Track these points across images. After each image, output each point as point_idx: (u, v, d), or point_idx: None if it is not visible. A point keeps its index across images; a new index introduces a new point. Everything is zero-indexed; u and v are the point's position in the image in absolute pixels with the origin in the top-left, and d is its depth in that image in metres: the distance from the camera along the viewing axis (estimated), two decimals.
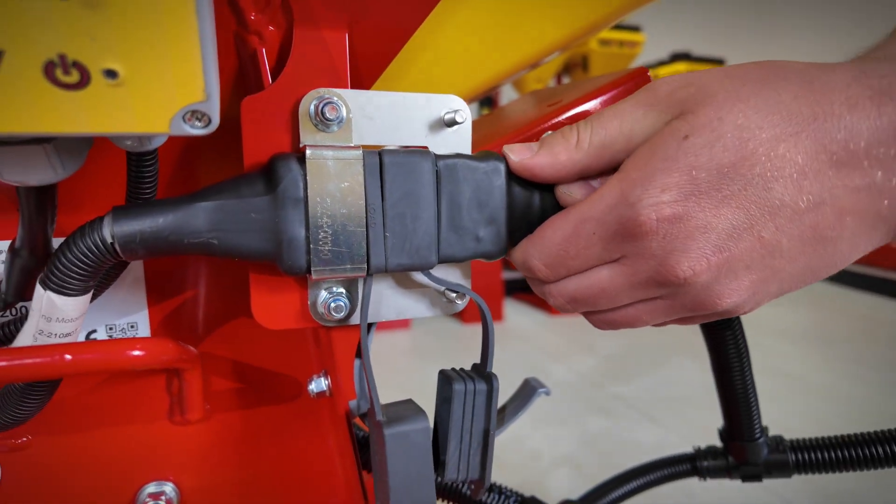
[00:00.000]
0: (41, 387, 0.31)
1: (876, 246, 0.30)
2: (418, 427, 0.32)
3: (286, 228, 0.30)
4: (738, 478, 0.51)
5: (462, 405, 0.33)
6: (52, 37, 0.19)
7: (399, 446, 0.32)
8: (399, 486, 0.32)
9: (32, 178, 0.27)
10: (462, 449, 0.33)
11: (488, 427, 0.34)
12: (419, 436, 0.32)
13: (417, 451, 0.32)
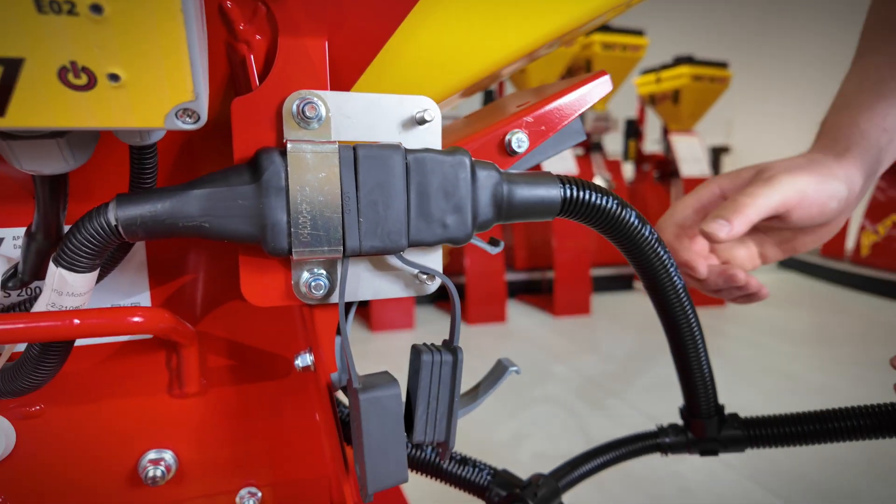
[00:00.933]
0: (54, 354, 0.35)
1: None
2: (390, 393, 0.36)
3: (270, 214, 0.33)
4: (697, 452, 0.55)
5: (430, 374, 0.37)
6: (66, 47, 0.23)
7: (372, 410, 0.35)
8: (373, 446, 0.35)
9: (47, 168, 0.31)
10: (429, 413, 0.37)
11: (453, 395, 0.37)
12: (391, 401, 0.36)
13: (389, 415, 0.35)
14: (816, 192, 0.48)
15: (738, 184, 0.52)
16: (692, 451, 0.56)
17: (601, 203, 0.41)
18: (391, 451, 0.36)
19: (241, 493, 0.48)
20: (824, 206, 0.48)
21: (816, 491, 1.68)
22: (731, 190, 0.52)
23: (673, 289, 0.47)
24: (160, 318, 0.33)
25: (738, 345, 2.88)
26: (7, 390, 0.37)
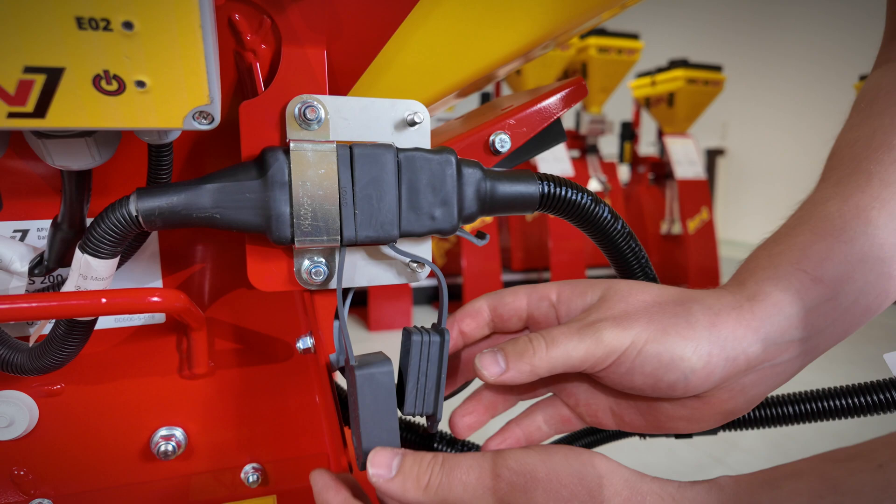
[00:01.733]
0: (77, 333, 0.39)
1: None
2: (383, 370, 0.39)
3: (274, 206, 0.37)
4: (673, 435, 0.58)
5: (419, 352, 0.40)
6: (100, 58, 0.27)
7: (367, 385, 0.39)
8: (367, 417, 0.39)
9: (75, 164, 0.35)
10: (419, 388, 0.41)
11: (440, 371, 0.41)
12: (384, 376, 0.39)
13: (382, 389, 0.39)
14: (647, 356, 0.35)
15: (574, 301, 0.41)
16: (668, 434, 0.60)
17: (576, 199, 0.45)
18: (384, 422, 0.39)
19: (246, 469, 0.51)
20: (660, 376, 0.35)
21: None
22: (563, 304, 0.41)
23: (645, 279, 0.50)
24: (176, 298, 0.37)
25: None
26: (33, 367, 0.40)
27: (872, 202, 0.39)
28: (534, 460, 0.32)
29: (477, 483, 0.32)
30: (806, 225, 0.40)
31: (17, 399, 0.44)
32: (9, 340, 0.40)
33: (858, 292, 0.38)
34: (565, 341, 0.36)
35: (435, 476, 0.33)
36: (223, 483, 0.51)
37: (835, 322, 0.38)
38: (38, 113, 0.28)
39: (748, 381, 0.36)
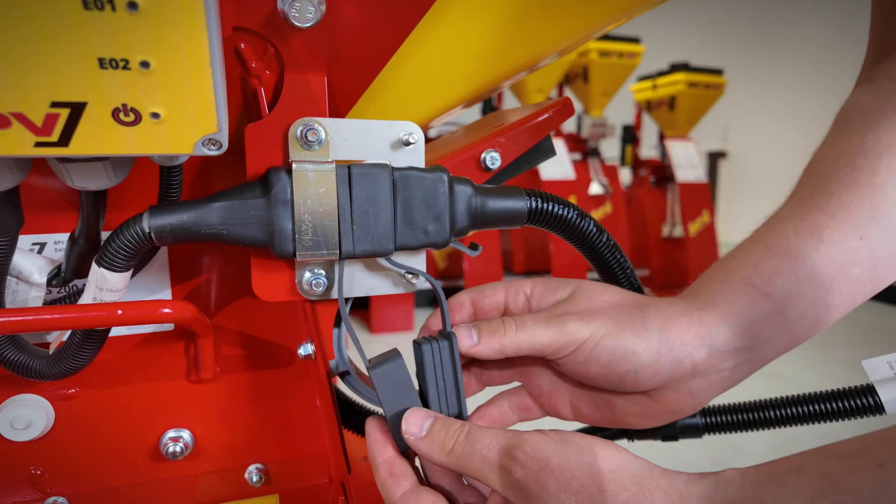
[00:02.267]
0: (93, 341, 0.41)
1: None
2: (395, 364, 0.41)
3: (277, 223, 0.40)
4: (659, 438, 0.61)
5: (432, 359, 0.42)
6: (119, 93, 0.30)
7: (383, 381, 0.41)
8: (392, 412, 0.41)
9: (93, 184, 0.37)
10: (440, 393, 0.42)
11: (456, 371, 0.42)
12: (397, 370, 0.41)
13: (399, 382, 0.41)
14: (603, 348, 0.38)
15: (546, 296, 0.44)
16: (655, 438, 0.62)
17: (562, 213, 0.47)
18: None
19: (250, 469, 0.54)
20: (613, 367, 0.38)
21: None
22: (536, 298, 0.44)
23: (630, 288, 0.53)
24: (185, 309, 0.39)
25: None
26: (51, 373, 0.43)
27: (828, 221, 0.42)
28: (549, 449, 0.34)
29: (495, 461, 0.35)
30: (762, 241, 0.43)
31: (35, 402, 0.47)
32: (28, 347, 0.43)
33: (806, 307, 0.41)
34: (533, 327, 0.40)
35: (459, 444, 0.36)
36: (228, 483, 0.54)
37: (781, 334, 0.40)
38: (62, 142, 0.30)
39: (695, 385, 0.39)
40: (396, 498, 0.37)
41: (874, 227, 0.42)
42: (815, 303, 0.41)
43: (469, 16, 0.44)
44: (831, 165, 0.44)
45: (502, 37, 0.46)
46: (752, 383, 0.88)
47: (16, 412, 0.46)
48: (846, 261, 0.41)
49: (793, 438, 1.97)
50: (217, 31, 0.30)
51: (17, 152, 0.30)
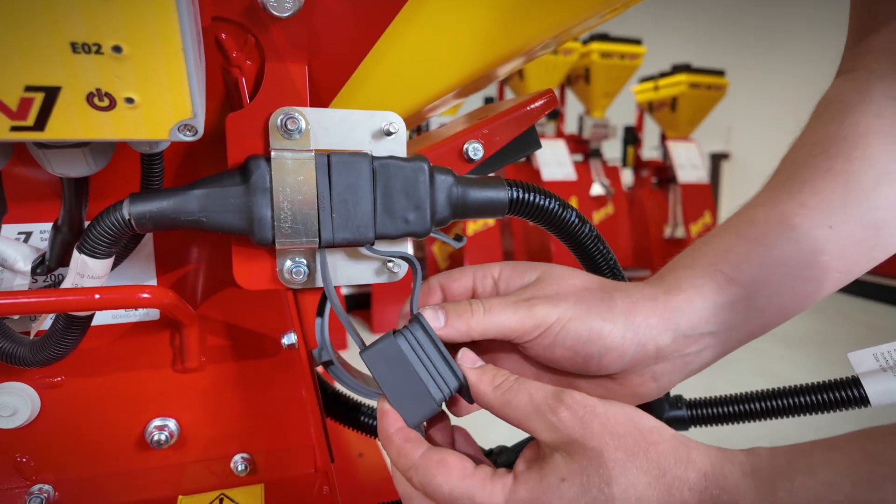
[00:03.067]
0: (75, 328, 0.42)
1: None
2: (386, 343, 0.41)
3: (256, 210, 0.40)
4: None
5: (411, 347, 0.42)
6: (93, 77, 0.30)
7: (376, 361, 0.40)
8: (391, 390, 0.40)
9: (73, 171, 0.38)
10: (432, 374, 0.41)
11: (439, 348, 0.41)
12: (389, 347, 0.40)
13: (393, 360, 0.40)
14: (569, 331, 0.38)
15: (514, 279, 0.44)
16: None
17: (544, 203, 0.47)
18: (409, 389, 0.41)
19: (235, 459, 0.54)
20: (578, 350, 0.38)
21: None
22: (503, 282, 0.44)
23: (613, 278, 0.53)
24: (164, 295, 0.40)
25: None
26: (35, 360, 0.43)
27: (798, 209, 0.42)
28: (595, 399, 0.36)
29: (542, 400, 0.36)
30: (732, 227, 0.43)
31: (20, 390, 0.47)
32: (12, 335, 0.44)
33: (774, 293, 0.41)
34: (501, 310, 0.39)
35: (508, 381, 0.38)
36: (214, 472, 0.54)
37: (747, 320, 0.40)
38: (38, 126, 0.31)
39: (659, 369, 0.39)
40: (416, 459, 0.36)
41: (843, 217, 0.42)
42: (783, 290, 0.41)
43: (449, 6, 0.45)
44: (806, 154, 0.45)
45: (482, 27, 0.46)
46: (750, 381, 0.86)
47: (1, 400, 0.46)
48: (814, 249, 0.41)
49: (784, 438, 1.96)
50: (189, 17, 0.31)
51: None
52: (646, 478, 0.32)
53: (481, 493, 0.33)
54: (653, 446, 0.33)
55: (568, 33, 0.53)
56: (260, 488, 0.54)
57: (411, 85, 0.47)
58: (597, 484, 0.32)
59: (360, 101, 0.48)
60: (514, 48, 0.49)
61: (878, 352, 0.49)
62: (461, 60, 0.48)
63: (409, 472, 0.36)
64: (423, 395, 0.40)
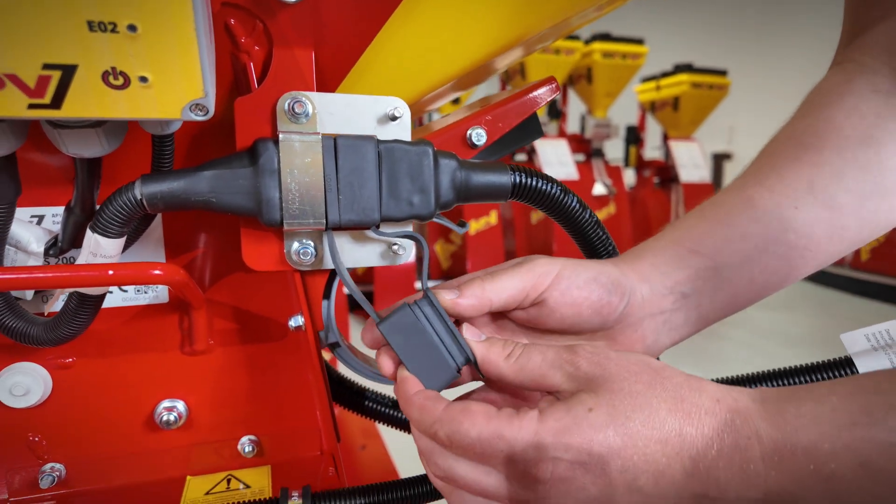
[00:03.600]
0: (87, 306, 0.43)
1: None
2: (401, 313, 0.41)
3: (265, 191, 0.41)
4: None
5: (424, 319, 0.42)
6: (108, 56, 0.31)
7: (392, 331, 0.41)
8: (410, 359, 0.41)
9: (86, 151, 0.39)
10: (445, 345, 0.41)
11: (446, 322, 0.42)
12: (404, 317, 0.41)
13: (408, 329, 0.41)
14: (572, 275, 0.41)
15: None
16: None
17: (546, 188, 0.48)
18: (427, 358, 0.41)
19: (242, 441, 0.55)
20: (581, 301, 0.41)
21: None
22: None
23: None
24: (175, 272, 0.40)
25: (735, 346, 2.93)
26: (48, 339, 0.44)
27: (764, 192, 0.45)
28: (606, 350, 0.37)
29: (555, 356, 0.37)
30: (699, 211, 0.47)
31: (33, 370, 0.48)
32: (26, 315, 0.45)
33: (739, 264, 0.44)
34: (505, 275, 0.42)
35: (517, 349, 0.39)
36: (221, 453, 0.55)
37: (717, 288, 0.44)
38: (55, 104, 0.32)
39: (647, 327, 0.43)
40: (439, 413, 0.37)
41: (810, 199, 0.44)
42: (750, 263, 0.44)
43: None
44: (781, 144, 0.47)
45: (485, 14, 0.47)
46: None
47: (14, 379, 0.47)
48: (779, 227, 0.44)
49: None
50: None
51: (12, 114, 0.31)
52: (666, 405, 0.33)
53: (509, 428, 0.34)
54: (667, 379, 0.35)
55: (568, 23, 0.53)
56: (267, 469, 0.55)
57: (415, 71, 0.48)
58: (622, 412, 0.33)
59: (366, 87, 0.48)
60: (516, 35, 0.50)
61: (870, 332, 0.50)
62: (464, 47, 0.49)
63: (434, 427, 0.37)
64: (441, 363, 0.41)
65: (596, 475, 0.33)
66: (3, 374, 0.47)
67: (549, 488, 0.33)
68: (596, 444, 0.33)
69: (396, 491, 0.49)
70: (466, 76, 0.53)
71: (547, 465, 0.33)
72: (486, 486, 0.36)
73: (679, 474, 0.32)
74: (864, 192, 0.45)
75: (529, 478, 0.34)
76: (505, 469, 0.35)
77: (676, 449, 0.32)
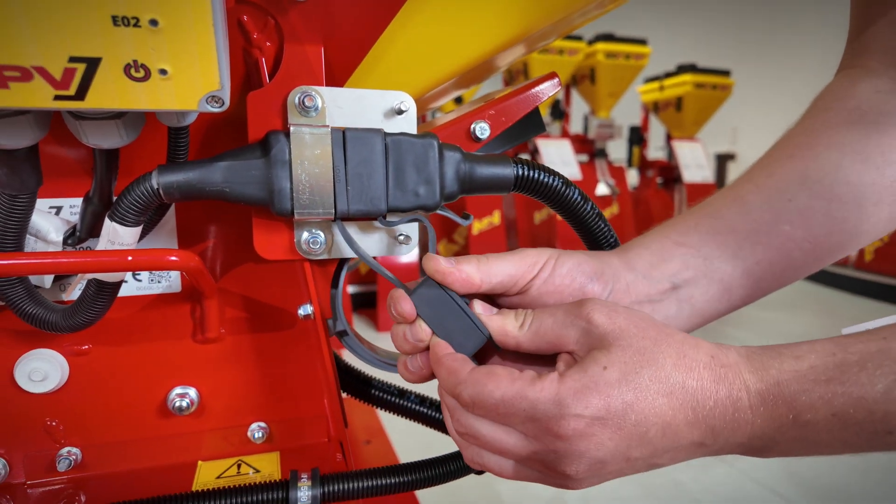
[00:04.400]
0: (105, 294, 0.44)
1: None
2: (427, 285, 0.42)
3: (276, 182, 0.43)
4: None
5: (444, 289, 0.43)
6: (131, 49, 0.32)
7: (423, 303, 0.42)
8: (441, 330, 0.42)
9: (106, 142, 0.40)
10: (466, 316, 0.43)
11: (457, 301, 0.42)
12: (430, 289, 0.42)
13: (435, 299, 0.42)
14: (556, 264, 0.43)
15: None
16: None
17: (548, 181, 0.50)
18: (455, 324, 0.42)
19: (252, 427, 0.57)
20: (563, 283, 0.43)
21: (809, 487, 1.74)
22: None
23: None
24: (190, 258, 0.42)
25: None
26: (66, 325, 0.46)
27: (752, 188, 0.46)
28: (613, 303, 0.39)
29: (565, 314, 0.39)
30: (689, 210, 0.49)
31: (51, 357, 0.50)
32: (45, 302, 0.46)
33: (730, 256, 0.45)
34: (498, 258, 0.43)
35: (528, 315, 0.41)
36: (231, 440, 0.56)
37: (706, 277, 0.45)
38: (79, 96, 0.33)
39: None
40: (465, 375, 0.39)
41: (803, 192, 0.45)
42: (741, 253, 0.45)
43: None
44: (775, 148, 0.49)
45: (490, 11, 0.48)
46: None
47: (33, 365, 0.49)
48: (772, 219, 0.45)
49: None
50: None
51: (38, 104, 0.33)
52: (671, 360, 0.36)
53: (531, 389, 0.36)
54: (670, 336, 0.37)
55: (571, 20, 0.55)
56: (276, 455, 0.56)
57: (421, 66, 0.50)
58: (633, 368, 0.35)
59: (373, 82, 0.50)
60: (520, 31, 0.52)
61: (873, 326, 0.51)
62: (467, 44, 0.50)
63: (458, 388, 0.39)
64: (470, 329, 0.42)
65: (613, 430, 0.35)
66: (23, 359, 0.49)
67: (569, 444, 0.35)
68: (613, 399, 0.35)
69: (403, 474, 0.50)
70: (469, 73, 0.55)
71: (568, 422, 0.35)
72: (505, 445, 0.38)
73: (682, 424, 0.35)
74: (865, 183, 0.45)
75: (550, 434, 0.35)
76: (526, 428, 0.37)
77: (680, 401, 0.35)
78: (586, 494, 1.64)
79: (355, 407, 1.12)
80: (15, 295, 0.44)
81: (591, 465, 0.36)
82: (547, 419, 0.35)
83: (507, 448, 0.38)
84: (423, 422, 0.64)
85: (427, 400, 0.64)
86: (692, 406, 0.35)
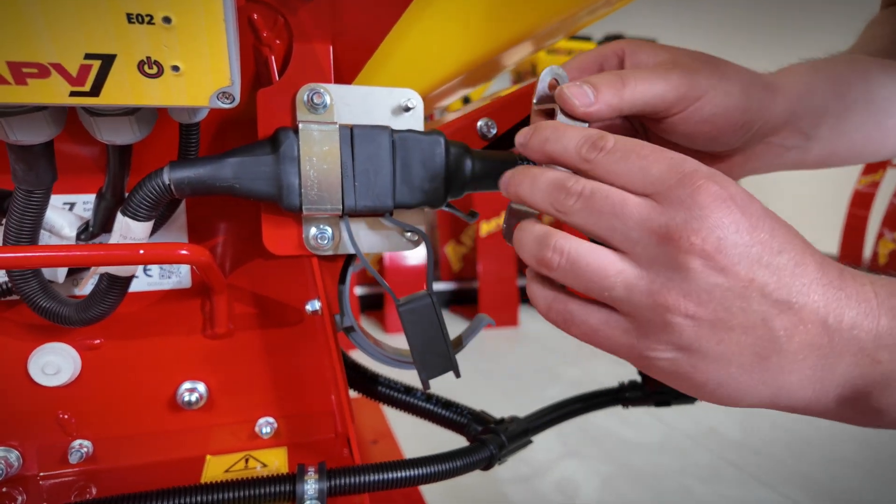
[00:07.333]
0: (117, 287, 0.45)
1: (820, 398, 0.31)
2: (423, 303, 0.44)
3: (285, 178, 0.43)
4: (653, 404, 0.63)
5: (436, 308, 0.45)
6: (144, 45, 0.33)
7: (410, 317, 0.44)
8: (417, 345, 0.44)
9: (119, 138, 0.41)
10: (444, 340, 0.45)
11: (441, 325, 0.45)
12: (424, 308, 0.44)
13: (424, 319, 0.44)
14: (719, 96, 0.40)
15: (640, 56, 0.43)
16: (649, 404, 0.65)
17: None
18: (433, 347, 0.44)
19: (260, 422, 0.57)
20: (732, 109, 0.40)
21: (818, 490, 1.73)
22: (631, 58, 0.43)
23: None
24: (201, 253, 0.43)
25: None
26: (79, 319, 0.47)
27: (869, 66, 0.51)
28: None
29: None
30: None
31: (64, 350, 0.51)
32: (59, 296, 0.47)
33: (856, 98, 0.49)
34: (649, 79, 0.38)
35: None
36: (239, 434, 0.57)
37: (838, 115, 0.48)
38: (94, 92, 0.34)
39: (759, 150, 0.48)
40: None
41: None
42: (863, 98, 0.49)
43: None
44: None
45: (498, 8, 0.49)
46: None
47: (46, 358, 0.50)
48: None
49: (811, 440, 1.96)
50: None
51: (55, 100, 0.34)
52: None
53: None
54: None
55: (578, 18, 0.55)
56: (283, 450, 0.57)
57: (428, 64, 0.50)
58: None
59: (381, 80, 0.51)
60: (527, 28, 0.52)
61: None
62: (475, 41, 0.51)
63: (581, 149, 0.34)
64: (443, 356, 0.44)
65: (746, 217, 0.30)
66: (36, 353, 0.50)
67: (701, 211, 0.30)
68: (754, 203, 0.32)
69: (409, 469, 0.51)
70: (477, 71, 0.55)
71: (708, 185, 0.30)
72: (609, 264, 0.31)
73: (812, 267, 0.30)
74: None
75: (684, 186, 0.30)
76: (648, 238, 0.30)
77: (812, 252, 0.31)
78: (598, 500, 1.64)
79: (363, 407, 1.12)
80: (29, 289, 0.45)
81: (716, 247, 0.29)
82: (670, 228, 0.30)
83: (609, 271, 0.31)
84: (428, 418, 0.64)
85: (433, 397, 0.65)
86: (819, 263, 0.31)
